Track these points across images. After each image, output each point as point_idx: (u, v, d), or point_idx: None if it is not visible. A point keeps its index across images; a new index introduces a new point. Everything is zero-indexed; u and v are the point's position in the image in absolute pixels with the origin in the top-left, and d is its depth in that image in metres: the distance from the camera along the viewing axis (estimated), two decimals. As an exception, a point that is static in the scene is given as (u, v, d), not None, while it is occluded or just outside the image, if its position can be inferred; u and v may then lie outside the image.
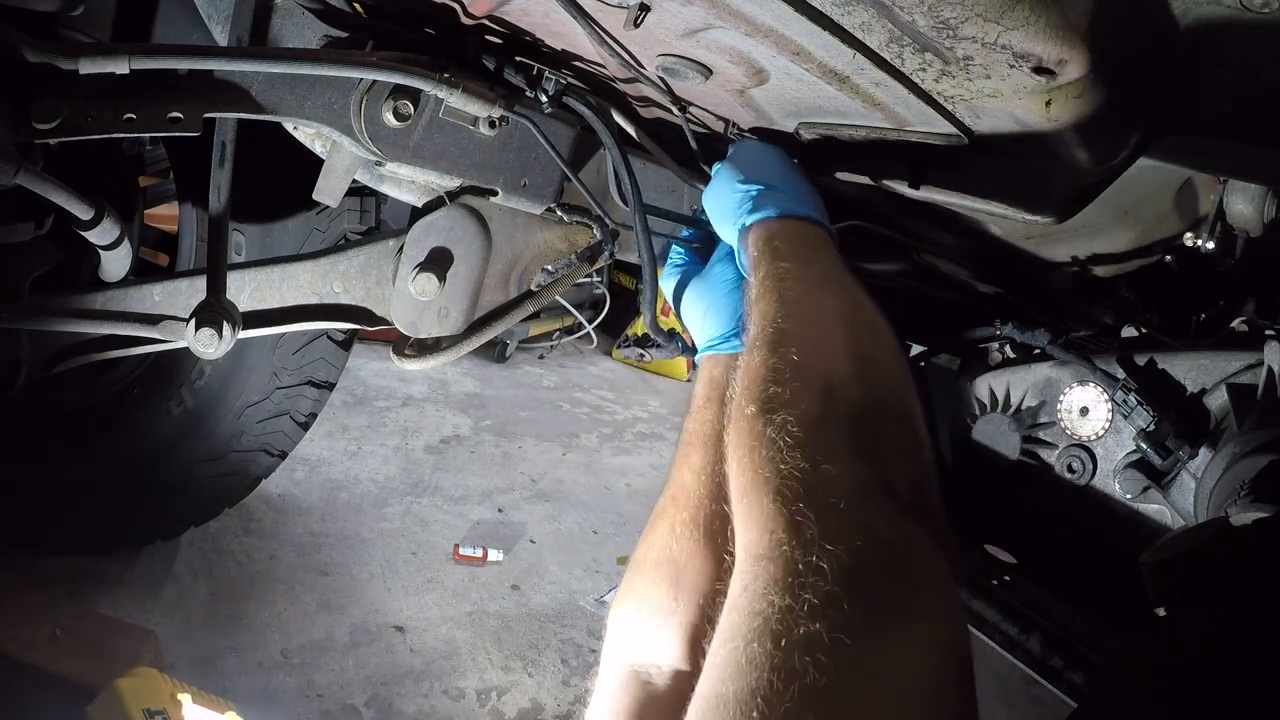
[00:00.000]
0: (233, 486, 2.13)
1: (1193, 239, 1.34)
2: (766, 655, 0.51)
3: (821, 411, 0.64)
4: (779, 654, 0.50)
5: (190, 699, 1.59)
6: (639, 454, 3.98)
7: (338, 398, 3.43)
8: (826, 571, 0.53)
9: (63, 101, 0.97)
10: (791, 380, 0.67)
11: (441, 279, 1.23)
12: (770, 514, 0.59)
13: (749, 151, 1.09)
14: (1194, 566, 0.67)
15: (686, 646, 0.93)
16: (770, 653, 0.51)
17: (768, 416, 0.65)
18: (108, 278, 1.28)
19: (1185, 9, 0.80)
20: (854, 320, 0.77)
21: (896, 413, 0.67)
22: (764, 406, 0.66)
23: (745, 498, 0.63)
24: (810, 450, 0.61)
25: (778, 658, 0.50)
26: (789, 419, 0.64)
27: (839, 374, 0.68)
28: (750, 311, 0.83)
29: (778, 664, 0.50)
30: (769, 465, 0.62)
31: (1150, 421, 1.26)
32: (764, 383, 0.69)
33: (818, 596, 0.52)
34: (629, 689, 0.92)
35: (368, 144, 1.11)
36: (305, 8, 1.11)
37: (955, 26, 0.72)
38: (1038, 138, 0.92)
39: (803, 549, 0.55)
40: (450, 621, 2.43)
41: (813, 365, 0.69)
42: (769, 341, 0.73)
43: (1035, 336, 1.44)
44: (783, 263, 0.86)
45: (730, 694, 0.51)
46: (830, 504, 0.57)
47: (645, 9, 0.85)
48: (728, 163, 1.07)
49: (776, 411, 0.65)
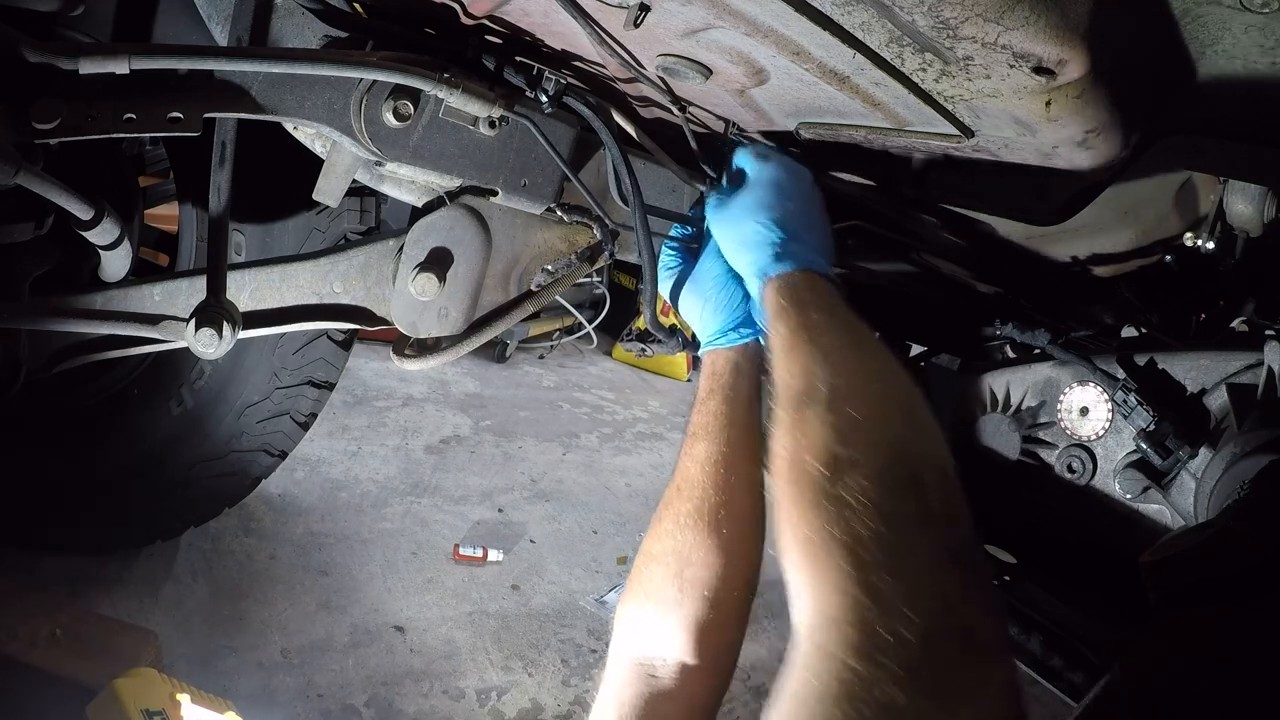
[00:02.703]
0: (233, 486, 2.13)
1: (1193, 239, 1.34)
2: (845, 717, 0.52)
3: (892, 475, 0.66)
4: (857, 718, 0.52)
5: (190, 699, 1.59)
6: (639, 454, 3.98)
7: (338, 398, 3.43)
8: (909, 640, 0.54)
9: (63, 101, 0.97)
10: (857, 441, 0.69)
11: (441, 279, 1.23)
12: (845, 576, 0.60)
13: (778, 176, 1.05)
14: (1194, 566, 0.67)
15: (691, 640, 0.93)
16: (849, 715, 0.53)
17: (837, 477, 0.66)
18: (108, 278, 1.28)
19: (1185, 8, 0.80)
20: (896, 377, 0.79)
21: (947, 471, 0.69)
22: (832, 466, 0.67)
23: (812, 555, 0.63)
24: (885, 514, 0.62)
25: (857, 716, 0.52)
26: (861, 482, 0.65)
27: (901, 435, 0.70)
28: (781, 361, 0.84)
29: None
30: (840, 525, 0.63)
31: (1150, 421, 1.26)
32: (829, 442, 0.69)
33: (899, 664, 0.53)
34: (635, 682, 0.93)
35: (368, 144, 1.11)
36: (305, 8, 1.11)
37: (955, 26, 0.72)
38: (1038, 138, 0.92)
39: (884, 616, 0.56)
40: (450, 621, 2.43)
41: (875, 426, 0.70)
42: (825, 400, 0.74)
43: (1035, 336, 1.44)
44: (814, 314, 0.87)
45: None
46: (909, 571, 0.59)
47: (645, 9, 0.85)
48: (756, 187, 1.04)
49: (846, 472, 0.66)
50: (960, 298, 1.72)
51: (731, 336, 1.09)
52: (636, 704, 0.90)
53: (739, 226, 1.02)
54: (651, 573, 0.98)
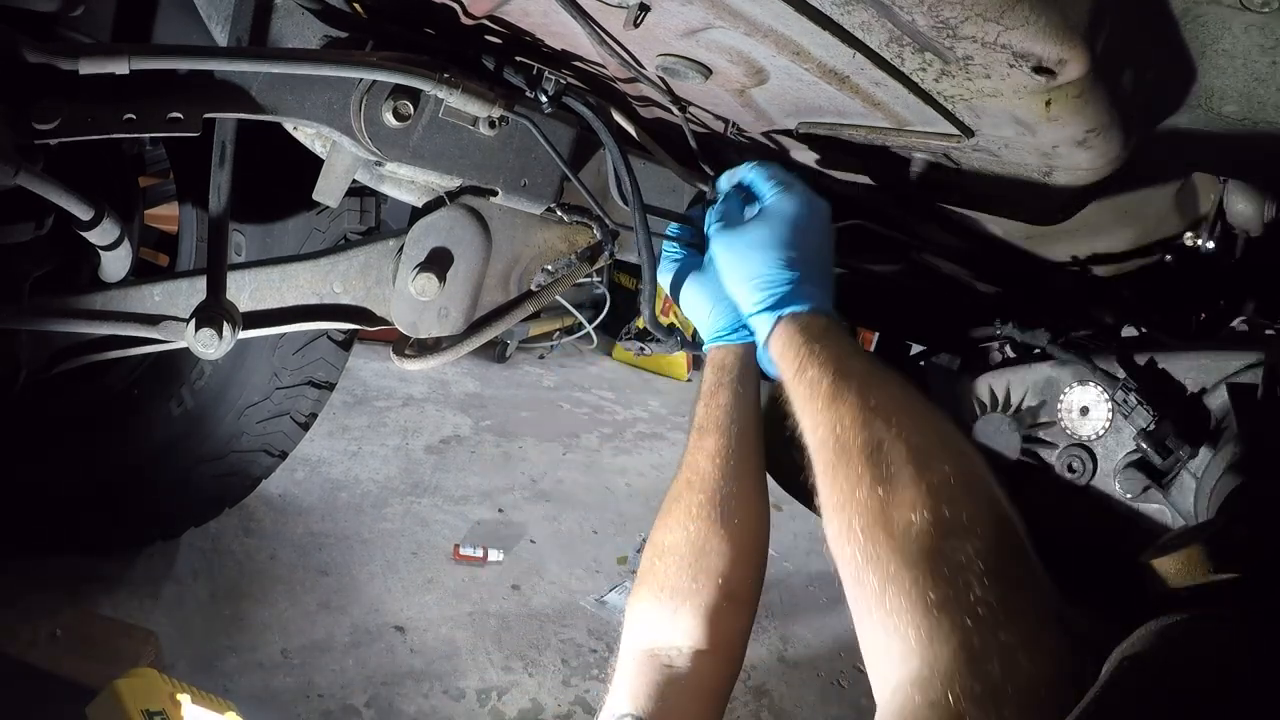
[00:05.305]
0: (233, 487, 2.13)
1: (1193, 239, 1.34)
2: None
3: (999, 540, 0.68)
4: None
5: (190, 699, 1.59)
6: (639, 454, 3.98)
7: (338, 398, 3.42)
8: (1024, 689, 0.57)
9: (63, 102, 0.97)
10: (965, 504, 0.70)
11: (441, 279, 1.23)
12: (963, 630, 0.61)
13: (799, 212, 1.03)
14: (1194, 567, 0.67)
15: (706, 627, 0.96)
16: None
17: (946, 539, 0.67)
18: (108, 278, 1.28)
19: (1185, 8, 0.80)
20: (954, 430, 0.81)
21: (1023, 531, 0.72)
22: (940, 527, 0.68)
23: (924, 612, 0.64)
24: (998, 577, 0.64)
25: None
26: (976, 544, 0.66)
27: (998, 497, 0.72)
28: (825, 406, 0.83)
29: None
30: (955, 586, 0.64)
31: (1150, 421, 1.26)
32: (930, 502, 0.70)
33: (1018, 709, 0.56)
34: (648, 671, 0.95)
35: (368, 144, 1.11)
36: (305, 8, 1.11)
37: (955, 26, 0.72)
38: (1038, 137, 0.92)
39: (1003, 670, 0.59)
40: (450, 621, 2.42)
41: (974, 485, 0.72)
42: (906, 457, 0.75)
43: (1035, 336, 1.43)
44: (854, 362, 0.87)
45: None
46: (1024, 629, 0.62)
47: (645, 9, 0.85)
48: (775, 220, 1.02)
49: (958, 536, 0.67)
50: (960, 297, 1.72)
51: (742, 333, 1.11)
52: (651, 692, 0.92)
53: (750, 261, 1.00)
54: (665, 564, 1.01)
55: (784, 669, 2.58)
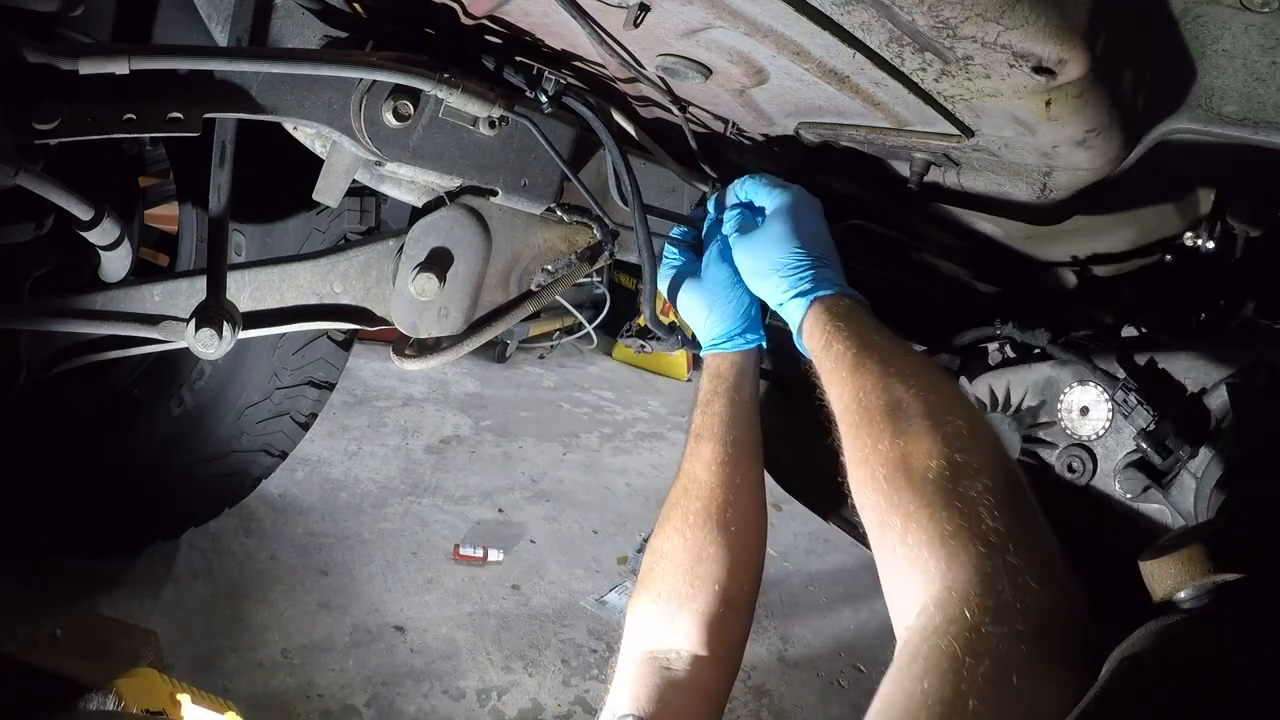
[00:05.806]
0: (233, 486, 2.13)
1: (1193, 239, 1.34)
2: (974, 667, 0.60)
3: (1008, 483, 0.75)
4: (983, 667, 0.60)
5: (190, 699, 1.59)
6: (639, 454, 3.98)
7: (338, 398, 3.43)
8: (1033, 608, 0.63)
9: (63, 102, 0.97)
10: (974, 451, 0.77)
11: (441, 279, 1.23)
12: (979, 556, 0.68)
13: (799, 206, 1.09)
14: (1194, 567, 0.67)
15: (703, 632, 0.98)
16: (977, 666, 0.60)
17: (960, 478, 0.74)
18: (108, 278, 1.28)
19: (1185, 8, 0.80)
20: (965, 396, 0.88)
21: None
22: (954, 469, 0.75)
23: (943, 542, 0.70)
24: (1011, 511, 0.71)
25: (986, 665, 0.60)
26: (986, 483, 0.73)
27: (1002, 447, 0.80)
28: (850, 376, 0.89)
29: (986, 672, 0.60)
30: (970, 518, 0.71)
31: (1150, 421, 1.26)
32: (944, 449, 0.77)
33: (1026, 625, 0.62)
34: (648, 675, 0.96)
35: (368, 144, 1.11)
36: (305, 8, 1.11)
37: (955, 26, 0.72)
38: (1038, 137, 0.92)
39: (1014, 588, 0.65)
40: (450, 621, 2.42)
41: (985, 441, 0.79)
42: (923, 412, 0.81)
43: (1035, 336, 1.43)
44: (876, 336, 0.93)
45: (930, 690, 0.60)
46: (1036, 558, 0.68)
47: (645, 9, 0.85)
48: (783, 216, 1.07)
49: (969, 475, 0.74)
50: (960, 297, 1.72)
51: (737, 342, 1.13)
52: (651, 694, 0.93)
53: (771, 253, 1.05)
54: (663, 569, 1.03)
55: (784, 669, 2.58)
